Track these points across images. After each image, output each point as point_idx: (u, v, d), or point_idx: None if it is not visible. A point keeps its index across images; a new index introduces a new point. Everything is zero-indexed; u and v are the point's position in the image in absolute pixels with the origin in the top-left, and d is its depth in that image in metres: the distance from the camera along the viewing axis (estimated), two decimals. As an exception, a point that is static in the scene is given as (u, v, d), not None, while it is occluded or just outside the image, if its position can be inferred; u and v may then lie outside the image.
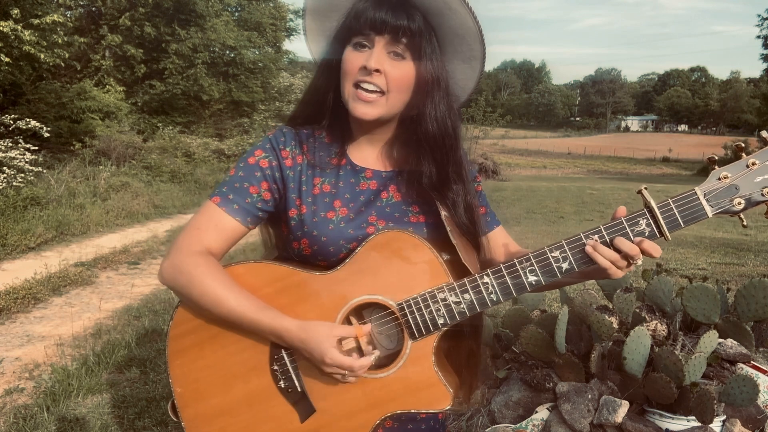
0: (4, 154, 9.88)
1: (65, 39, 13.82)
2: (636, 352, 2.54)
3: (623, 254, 1.10)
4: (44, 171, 11.02)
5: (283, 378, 1.19)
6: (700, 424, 2.47)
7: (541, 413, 2.75)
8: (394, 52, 1.17)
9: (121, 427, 3.34)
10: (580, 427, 2.59)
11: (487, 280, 1.15)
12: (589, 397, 2.64)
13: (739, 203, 1.09)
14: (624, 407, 2.54)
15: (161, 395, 3.66)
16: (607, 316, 2.76)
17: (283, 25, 26.50)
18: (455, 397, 1.19)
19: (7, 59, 11.58)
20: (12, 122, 11.08)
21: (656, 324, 2.91)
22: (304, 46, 1.34)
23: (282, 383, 1.19)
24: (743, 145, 1.11)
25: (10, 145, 10.33)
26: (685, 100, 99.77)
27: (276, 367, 1.19)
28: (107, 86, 19.15)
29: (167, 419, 3.38)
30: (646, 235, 1.10)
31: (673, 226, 1.10)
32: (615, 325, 2.77)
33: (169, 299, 5.64)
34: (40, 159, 11.45)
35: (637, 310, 2.94)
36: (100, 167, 13.46)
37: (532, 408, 2.82)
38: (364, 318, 1.20)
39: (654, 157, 54.45)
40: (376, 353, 1.16)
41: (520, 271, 1.14)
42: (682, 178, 35.09)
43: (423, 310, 1.15)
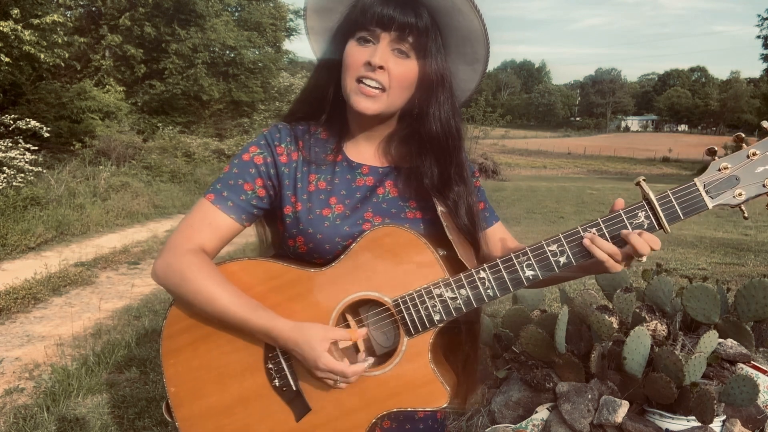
0: (4, 154, 9.88)
1: (65, 39, 13.81)
2: (636, 352, 2.53)
3: (627, 247, 1.07)
4: (44, 171, 11.01)
5: (278, 376, 1.18)
6: (700, 424, 2.47)
7: (541, 413, 2.75)
8: (399, 50, 1.15)
9: (121, 427, 3.34)
10: (580, 427, 2.59)
11: (483, 275, 1.12)
12: (589, 397, 2.64)
13: (740, 194, 1.07)
14: (624, 407, 2.53)
15: (161, 395, 3.66)
16: (607, 316, 2.76)
17: (283, 25, 26.48)
18: (452, 396, 1.16)
19: (7, 59, 11.57)
20: (12, 122, 11.08)
21: (656, 324, 2.90)
22: (304, 46, 1.33)
23: (277, 382, 1.18)
24: (743, 136, 1.08)
25: (10, 145, 10.32)
26: (685, 100, 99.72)
27: (270, 365, 1.18)
28: (107, 86, 19.14)
29: (167, 419, 3.38)
30: (645, 227, 1.08)
31: (673, 218, 1.07)
32: (615, 325, 2.77)
33: (169, 299, 5.61)
34: (40, 159, 11.44)
35: (637, 310, 2.94)
36: (100, 167, 13.45)
37: (532, 408, 2.82)
38: (360, 315, 1.18)
39: (654, 157, 54.46)
40: (369, 360, 1.14)
41: (517, 266, 1.11)
42: (683, 178, 34.93)
43: (419, 306, 1.12)
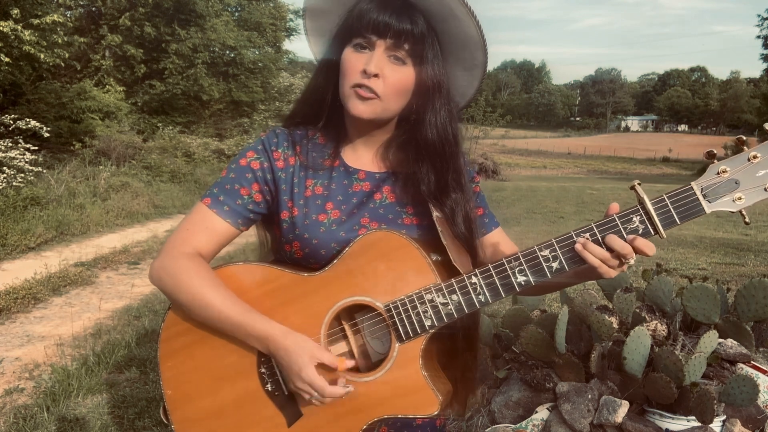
0: (4, 154, 9.88)
1: (65, 39, 13.82)
2: (636, 352, 2.53)
3: (615, 253, 1.05)
4: (44, 171, 11.01)
5: (270, 381, 1.17)
6: (700, 424, 2.47)
7: (541, 413, 2.75)
8: (395, 57, 1.14)
9: (121, 427, 3.34)
10: (580, 427, 2.59)
11: (475, 280, 1.11)
12: (589, 397, 2.64)
13: (740, 198, 1.03)
14: (624, 407, 2.53)
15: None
16: (607, 316, 2.76)
17: (283, 25, 26.50)
18: (445, 403, 1.15)
19: (7, 59, 11.58)
20: (12, 122, 11.08)
21: (656, 324, 2.90)
22: (304, 46, 1.33)
23: (269, 386, 1.17)
24: (744, 139, 1.04)
25: (10, 145, 10.32)
26: (685, 100, 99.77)
27: (263, 369, 1.18)
28: (107, 86, 19.15)
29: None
30: (640, 232, 1.05)
31: (669, 223, 1.04)
32: (615, 325, 2.77)
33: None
34: (40, 159, 11.44)
35: (637, 310, 2.94)
36: (100, 167, 13.45)
37: (532, 408, 2.82)
38: (354, 319, 1.18)
39: (654, 157, 54.48)
40: (349, 388, 1.12)
41: (509, 271, 1.10)
42: (682, 178, 35.06)
43: (410, 312, 1.11)
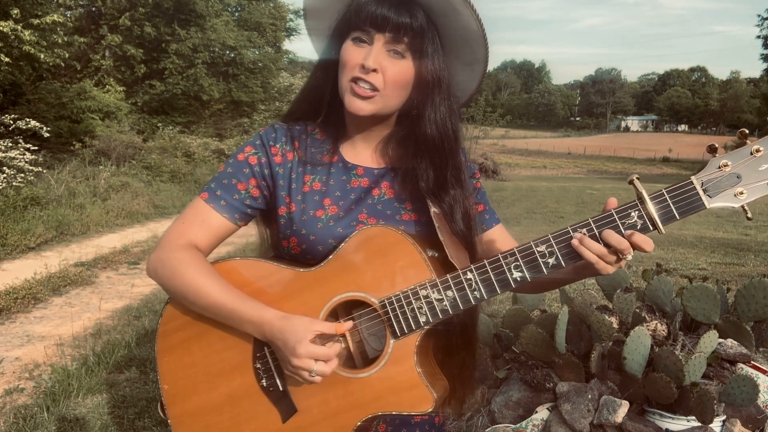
0: (4, 154, 9.88)
1: (65, 39, 13.83)
2: (636, 352, 2.53)
3: (612, 248, 1.02)
4: (44, 171, 11.02)
5: (266, 376, 1.17)
6: (700, 424, 2.47)
7: (541, 413, 2.75)
8: (394, 51, 1.13)
9: (121, 427, 3.34)
10: (580, 427, 2.59)
11: (470, 276, 1.09)
12: (589, 397, 2.64)
13: (741, 193, 0.99)
14: (624, 407, 2.54)
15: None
16: (607, 316, 2.76)
17: (283, 25, 26.51)
18: (441, 400, 1.14)
19: (7, 59, 11.59)
20: (12, 122, 11.09)
21: (656, 324, 2.90)
22: (304, 46, 1.33)
23: (264, 382, 1.17)
24: (747, 132, 1.00)
25: (10, 145, 10.33)
26: (685, 100, 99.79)
27: (259, 365, 1.17)
28: (107, 86, 19.16)
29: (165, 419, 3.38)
30: (639, 227, 1.02)
31: (668, 218, 1.01)
32: (615, 325, 2.77)
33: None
34: (40, 159, 11.46)
35: (637, 310, 2.94)
36: (100, 167, 13.46)
37: (532, 408, 2.82)
38: (351, 314, 1.17)
39: (654, 157, 54.47)
40: (341, 342, 1.12)
41: (504, 267, 1.08)
42: (682, 178, 34.20)
43: (405, 308, 1.10)
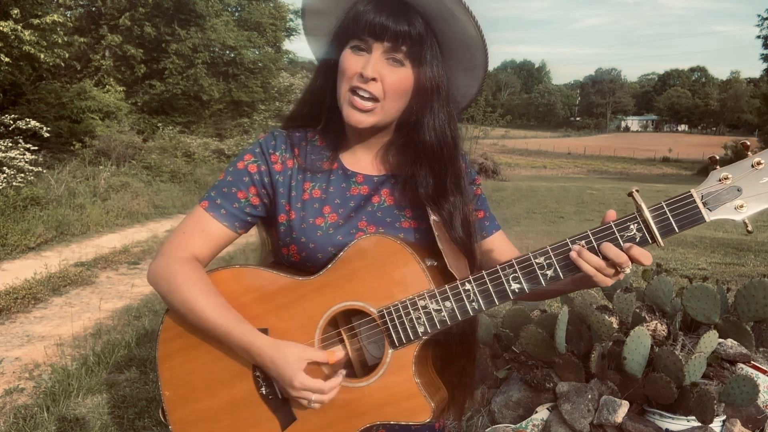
0: (4, 154, 9.88)
1: (65, 39, 13.84)
2: (636, 352, 2.53)
3: (610, 261, 1.02)
4: (44, 171, 11.02)
5: (265, 384, 1.17)
6: (700, 424, 2.47)
7: (541, 413, 2.75)
8: (393, 59, 1.12)
9: (121, 427, 3.34)
10: (580, 427, 2.59)
11: (468, 287, 1.09)
12: (589, 397, 2.64)
13: (741, 206, 0.98)
14: (624, 407, 2.54)
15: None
16: (607, 316, 2.76)
17: (283, 25, 26.52)
18: (439, 410, 1.14)
19: (7, 59, 11.59)
20: (12, 122, 11.09)
21: (656, 324, 2.91)
22: (304, 46, 1.32)
23: (264, 390, 1.17)
24: (749, 144, 0.99)
25: (10, 145, 10.33)
26: (685, 100, 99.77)
27: (258, 373, 1.17)
28: (107, 86, 19.17)
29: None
30: (637, 240, 1.02)
31: (667, 231, 1.01)
32: (615, 325, 2.77)
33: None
34: (40, 159, 11.45)
35: (637, 310, 2.94)
36: (100, 167, 13.46)
37: (532, 408, 2.82)
38: (352, 323, 1.17)
39: (654, 157, 54.50)
40: (342, 372, 1.12)
41: (503, 278, 1.08)
42: (682, 178, 35.11)
43: (403, 318, 1.10)
